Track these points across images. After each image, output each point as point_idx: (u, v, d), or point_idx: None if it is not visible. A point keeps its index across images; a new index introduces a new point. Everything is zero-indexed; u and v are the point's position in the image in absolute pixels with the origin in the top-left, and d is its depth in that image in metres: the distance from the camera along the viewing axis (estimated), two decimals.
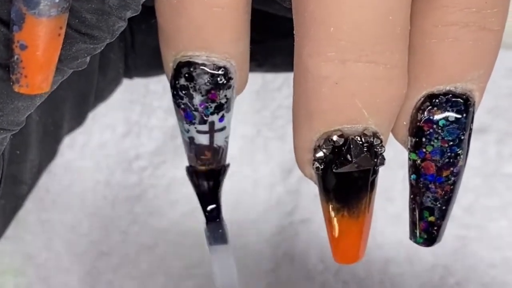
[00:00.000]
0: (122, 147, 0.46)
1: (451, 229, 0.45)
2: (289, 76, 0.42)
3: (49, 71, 0.23)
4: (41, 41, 0.22)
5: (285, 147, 0.45)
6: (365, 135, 0.24)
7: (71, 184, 0.45)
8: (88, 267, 0.44)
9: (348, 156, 0.24)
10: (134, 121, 0.46)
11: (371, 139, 0.24)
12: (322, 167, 0.25)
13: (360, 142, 0.24)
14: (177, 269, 0.44)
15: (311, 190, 0.45)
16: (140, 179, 0.45)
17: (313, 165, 0.25)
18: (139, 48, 0.33)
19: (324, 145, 0.24)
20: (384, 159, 0.25)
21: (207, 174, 0.28)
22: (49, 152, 0.33)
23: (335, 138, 0.24)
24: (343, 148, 0.24)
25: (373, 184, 0.25)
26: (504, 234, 0.44)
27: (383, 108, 0.24)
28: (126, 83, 0.36)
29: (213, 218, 0.29)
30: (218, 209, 0.29)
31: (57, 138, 0.34)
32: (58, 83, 0.25)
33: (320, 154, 0.24)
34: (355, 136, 0.24)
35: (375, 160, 0.24)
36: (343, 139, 0.24)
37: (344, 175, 0.24)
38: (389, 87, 0.24)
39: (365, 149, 0.24)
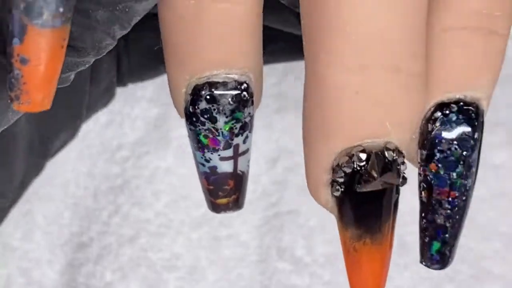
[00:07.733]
0: (105, 137, 0.45)
1: None
2: (274, 64, 0.41)
3: (52, 87, 0.21)
4: (44, 55, 0.20)
5: (271, 137, 0.45)
6: (388, 149, 0.22)
7: (52, 175, 0.44)
8: (69, 259, 0.44)
9: (373, 173, 0.22)
10: (117, 111, 0.45)
11: (394, 155, 0.22)
12: (342, 188, 0.23)
13: (384, 158, 0.22)
14: (159, 261, 0.44)
15: (297, 181, 0.44)
16: (122, 169, 0.45)
17: (332, 187, 0.23)
18: (133, 49, 0.32)
19: (345, 163, 0.22)
20: (406, 178, 0.23)
21: None
22: (34, 168, 0.33)
23: (358, 154, 0.22)
24: (366, 165, 0.22)
25: (396, 205, 0.23)
26: (493, 225, 0.44)
27: (405, 120, 0.23)
28: None
29: None
30: None
31: (45, 154, 0.33)
32: None
33: (340, 173, 0.22)
34: (378, 151, 0.22)
35: (399, 177, 0.23)
36: (365, 154, 0.22)
37: (367, 195, 0.22)
38: (411, 96, 0.22)
39: (389, 165, 0.22)
